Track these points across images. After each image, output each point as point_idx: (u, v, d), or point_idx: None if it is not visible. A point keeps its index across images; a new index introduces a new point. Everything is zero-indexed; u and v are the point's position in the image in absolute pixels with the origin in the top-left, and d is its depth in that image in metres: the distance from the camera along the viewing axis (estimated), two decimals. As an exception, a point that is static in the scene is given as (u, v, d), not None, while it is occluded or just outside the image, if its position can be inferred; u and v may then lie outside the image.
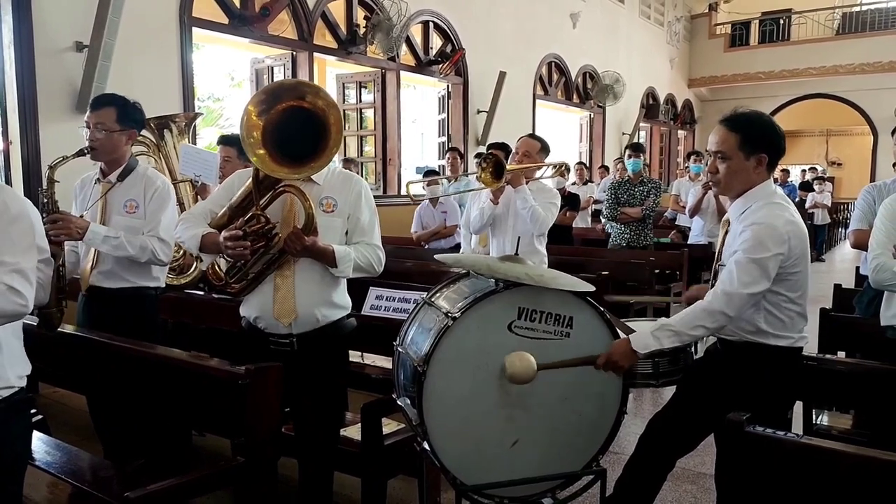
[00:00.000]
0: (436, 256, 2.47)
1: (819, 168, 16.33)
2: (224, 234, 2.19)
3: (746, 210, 2.20)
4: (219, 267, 2.34)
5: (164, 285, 3.05)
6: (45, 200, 2.68)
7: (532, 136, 4.00)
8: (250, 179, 2.23)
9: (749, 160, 2.19)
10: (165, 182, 2.95)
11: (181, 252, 3.58)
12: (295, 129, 2.07)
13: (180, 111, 5.56)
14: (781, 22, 16.56)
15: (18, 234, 1.63)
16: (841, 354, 3.20)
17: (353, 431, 2.66)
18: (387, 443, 2.60)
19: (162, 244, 2.80)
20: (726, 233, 2.30)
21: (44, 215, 2.64)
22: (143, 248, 2.76)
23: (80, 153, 2.76)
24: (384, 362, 3.34)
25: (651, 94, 14.79)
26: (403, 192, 5.32)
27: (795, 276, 2.17)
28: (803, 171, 16.21)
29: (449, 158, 7.19)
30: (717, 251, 2.38)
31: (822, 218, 12.66)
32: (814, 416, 2.87)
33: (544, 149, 3.92)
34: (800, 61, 15.57)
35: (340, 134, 2.11)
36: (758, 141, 2.20)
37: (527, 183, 3.79)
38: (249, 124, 2.06)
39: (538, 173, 4.08)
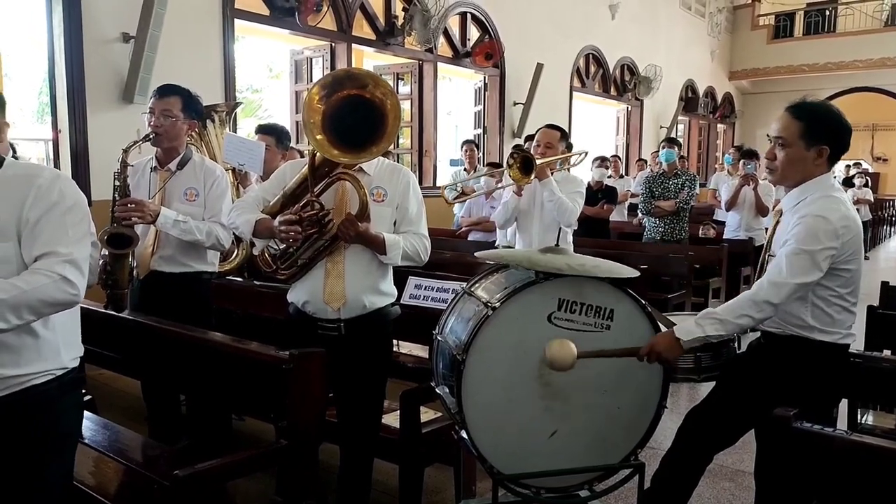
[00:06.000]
0: (476, 254, 2.48)
1: (863, 163, 15.86)
2: (279, 218, 2.24)
3: (801, 202, 2.15)
4: (269, 254, 2.38)
5: (217, 270, 3.19)
6: (118, 183, 2.77)
7: (551, 126, 4.00)
8: (305, 167, 2.27)
9: (809, 150, 2.14)
10: (223, 171, 3.08)
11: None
12: (353, 117, 2.10)
13: (222, 102, 5.65)
14: (827, 13, 16.10)
15: (73, 223, 1.66)
16: (887, 352, 3.13)
17: (391, 419, 2.68)
18: (424, 431, 2.62)
19: (224, 230, 2.92)
20: (777, 223, 2.26)
21: (116, 197, 2.75)
22: (210, 233, 2.91)
23: (147, 138, 2.86)
24: (420, 351, 3.35)
25: (690, 87, 14.52)
26: (438, 188, 5.39)
27: (847, 273, 2.12)
28: (847, 166, 15.79)
29: (466, 151, 7.16)
30: (766, 242, 2.33)
31: (864, 214, 12.33)
32: (858, 416, 2.81)
33: (564, 137, 3.96)
34: (845, 54, 15.11)
35: (398, 120, 2.14)
36: (821, 132, 2.14)
37: (552, 174, 3.79)
38: (311, 108, 2.11)
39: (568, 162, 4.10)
